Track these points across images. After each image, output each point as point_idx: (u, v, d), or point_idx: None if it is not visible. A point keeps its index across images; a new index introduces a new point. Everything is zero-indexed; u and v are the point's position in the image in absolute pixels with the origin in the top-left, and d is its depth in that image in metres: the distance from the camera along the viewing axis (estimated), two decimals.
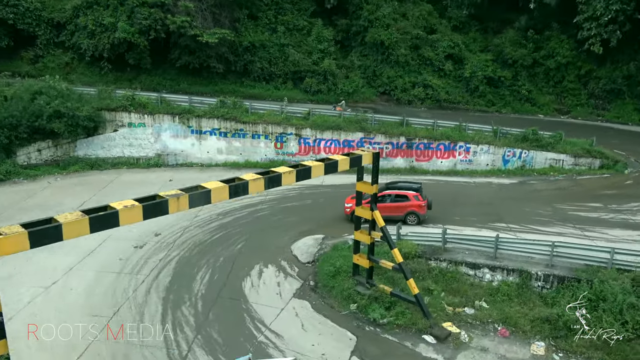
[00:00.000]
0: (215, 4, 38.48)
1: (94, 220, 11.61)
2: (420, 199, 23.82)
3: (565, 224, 24.04)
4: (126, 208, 12.05)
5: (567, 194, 28.33)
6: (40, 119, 28.64)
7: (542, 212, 25.60)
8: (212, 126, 32.11)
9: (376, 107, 40.86)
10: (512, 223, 24.16)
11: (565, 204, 26.53)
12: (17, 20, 38.06)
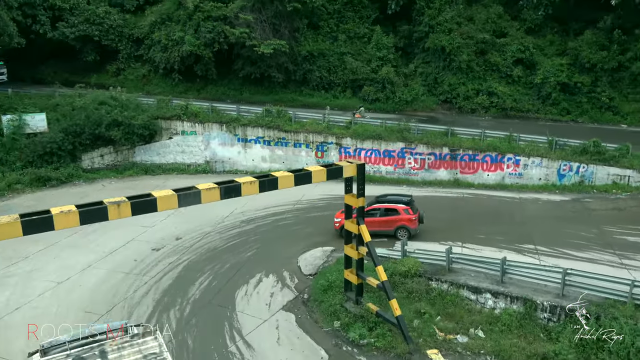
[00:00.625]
0: (275, 15, 39.17)
1: (83, 213, 12.53)
2: (410, 212, 22.37)
3: (605, 249, 21.20)
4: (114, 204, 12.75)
5: (623, 215, 24.94)
6: (100, 127, 31.08)
7: (584, 234, 22.80)
8: (257, 135, 32.71)
9: (435, 115, 39.07)
10: (543, 245, 21.78)
11: (615, 227, 23.40)
12: (102, 36, 41.66)
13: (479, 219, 25.01)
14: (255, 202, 27.45)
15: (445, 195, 28.76)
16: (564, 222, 24.31)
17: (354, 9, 42.48)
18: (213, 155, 33.49)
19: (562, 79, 38.27)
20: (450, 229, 23.78)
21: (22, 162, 29.58)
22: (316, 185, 28.99)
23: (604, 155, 28.26)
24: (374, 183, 30.82)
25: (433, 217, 25.12)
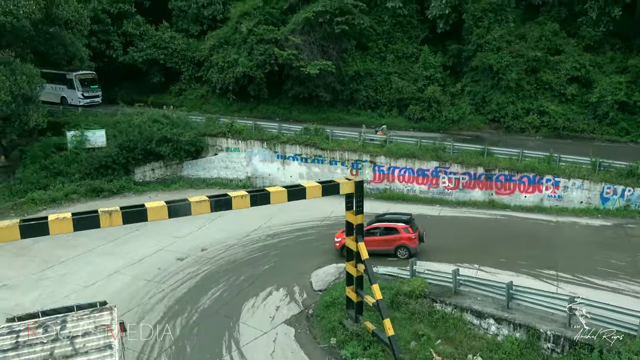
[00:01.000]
0: (324, 36, 39.75)
1: (76, 220, 13.56)
2: (410, 231, 21.58)
3: (634, 279, 19.38)
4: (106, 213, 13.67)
5: None
6: (151, 142, 32.94)
7: (614, 262, 20.95)
8: (295, 152, 33.19)
9: (482, 135, 37.60)
10: (566, 272, 20.26)
11: None
12: (167, 59, 44.27)
13: (506, 242, 23.74)
14: (285, 216, 27.84)
15: (478, 216, 27.55)
16: (597, 248, 22.47)
17: (402, 30, 42.14)
18: (254, 171, 34.37)
19: (621, 98, 35.55)
20: (472, 250, 22.74)
21: (80, 174, 31.94)
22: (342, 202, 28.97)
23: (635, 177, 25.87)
24: (407, 202, 30.26)
25: (457, 238, 24.30)
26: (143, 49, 43.77)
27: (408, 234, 21.76)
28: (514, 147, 30.80)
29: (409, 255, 21.63)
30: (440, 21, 40.26)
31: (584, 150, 30.58)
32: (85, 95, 41.14)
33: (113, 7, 43.54)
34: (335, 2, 38.77)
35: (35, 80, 30.91)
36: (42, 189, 30.73)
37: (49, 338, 11.22)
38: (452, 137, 35.83)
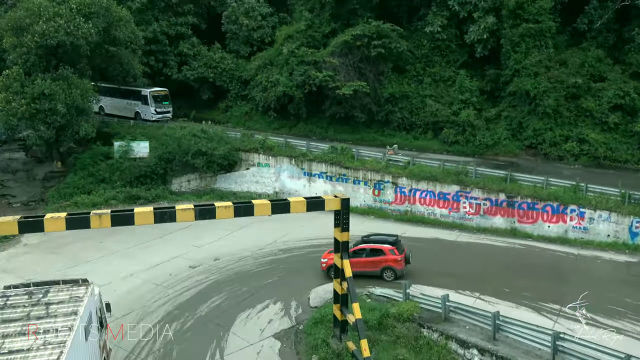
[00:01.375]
0: (361, 59, 39.81)
1: (69, 220, 14.49)
2: (396, 253, 20.83)
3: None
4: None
5: None
6: (187, 155, 34.16)
7: (629, 300, 19.34)
8: (321, 170, 33.25)
9: (517, 161, 35.95)
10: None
11: None
12: (216, 78, 45.95)
13: (516, 272, 22.51)
14: (302, 233, 27.90)
15: (495, 244, 26.28)
16: (614, 285, 20.80)
17: (441, 54, 41.41)
18: (282, 186, 34.71)
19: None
20: (478, 278, 21.71)
21: (122, 182, 33.61)
22: (363, 222, 28.66)
23: None
24: (427, 225, 29.42)
25: (466, 265, 23.35)
26: (195, 67, 45.71)
27: (394, 255, 21.16)
28: (548, 175, 29.08)
29: (394, 277, 21.01)
30: (479, 46, 39.28)
31: (626, 181, 28.51)
32: (157, 110, 42.34)
33: (172, 29, 45.87)
34: (373, 26, 38.84)
35: (88, 94, 33.07)
36: (86, 194, 32.54)
37: (30, 302, 13.02)
38: (485, 162, 34.65)
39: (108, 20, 34.38)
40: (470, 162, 33.04)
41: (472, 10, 39.11)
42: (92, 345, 13.67)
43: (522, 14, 36.49)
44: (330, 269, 21.04)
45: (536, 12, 36.42)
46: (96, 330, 14.24)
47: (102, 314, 15.58)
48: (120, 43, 36.23)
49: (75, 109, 32.27)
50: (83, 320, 12.75)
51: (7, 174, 38.03)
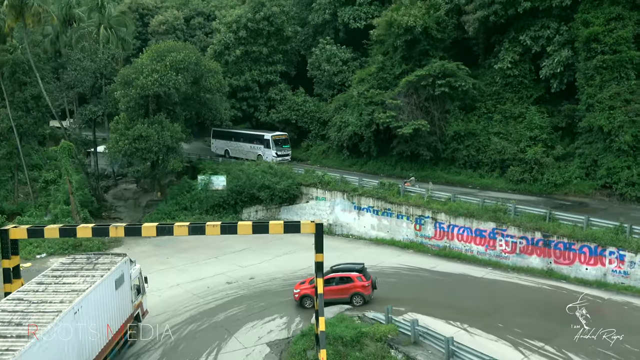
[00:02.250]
0: (427, 98, 41.57)
1: (95, 229, 19.57)
2: (364, 279, 22.01)
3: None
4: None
5: None
6: (254, 188, 38.81)
7: (627, 346, 18.51)
8: (369, 204, 35.44)
9: (588, 202, 34.44)
10: (554, 346, 18.89)
11: None
12: (299, 119, 50.94)
13: (524, 310, 22.70)
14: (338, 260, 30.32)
15: (524, 283, 26.16)
16: (623, 331, 19.84)
17: (513, 90, 41.41)
18: (335, 219, 37.47)
19: None
20: (479, 313, 22.36)
21: (200, 210, 39.20)
22: (400, 255, 30.30)
23: None
24: (462, 261, 29.97)
25: (476, 300, 24.00)
26: (280, 111, 51.20)
27: (362, 282, 22.82)
28: (621, 216, 27.62)
29: (363, 302, 22.65)
30: (554, 81, 38.77)
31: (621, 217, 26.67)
32: (278, 153, 46.35)
33: (262, 77, 52.08)
34: (437, 66, 40.58)
35: (177, 136, 39.61)
36: (171, 219, 38.61)
37: (86, 262, 19.99)
38: (551, 202, 33.93)
39: (197, 73, 41.12)
40: (536, 202, 32.79)
41: (546, 44, 39.01)
42: (122, 294, 20.16)
43: (596, 45, 35.60)
44: (303, 298, 23.72)
45: (613, 42, 35.17)
46: (129, 288, 20.87)
47: (140, 282, 22.63)
48: (208, 91, 42.73)
49: (166, 148, 38.91)
50: (113, 274, 19.35)
51: (120, 200, 46.31)
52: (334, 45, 51.26)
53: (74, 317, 16.10)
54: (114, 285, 19.42)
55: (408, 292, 25.17)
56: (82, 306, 16.65)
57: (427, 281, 26.86)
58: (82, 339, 16.53)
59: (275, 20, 51.06)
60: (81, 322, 16.48)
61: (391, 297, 24.18)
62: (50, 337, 14.61)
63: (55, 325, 14.94)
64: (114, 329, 19.12)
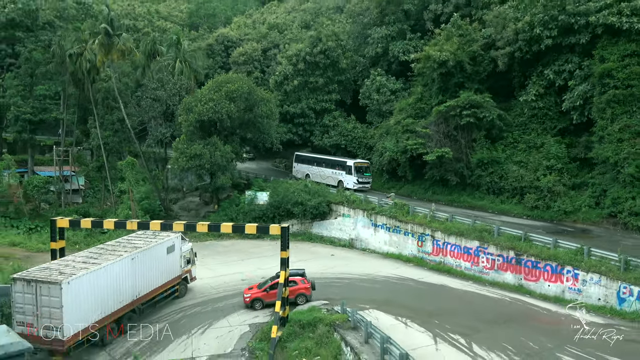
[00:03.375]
0: (456, 127, 45.78)
1: (116, 223, 27.48)
2: (306, 282, 26.81)
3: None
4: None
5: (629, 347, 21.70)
6: (289, 204, 45.39)
7: (558, 354, 21.82)
8: (383, 222, 40.33)
9: (593, 229, 36.72)
10: (476, 342, 22.90)
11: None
12: (348, 144, 57.08)
13: (470, 314, 26.45)
14: (342, 269, 35.80)
15: (490, 295, 29.86)
16: (563, 340, 23.12)
17: (538, 121, 44.24)
18: (357, 235, 42.71)
19: None
20: (427, 313, 26.71)
21: (244, 221, 46.38)
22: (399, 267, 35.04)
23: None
24: (452, 275, 33.98)
25: (435, 304, 28.42)
26: (332, 136, 57.68)
27: (304, 284, 27.91)
28: (614, 244, 30.67)
29: (306, 301, 27.89)
30: (575, 113, 41.39)
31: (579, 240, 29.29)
32: (359, 180, 49.03)
33: (318, 105, 59.07)
34: (464, 97, 44.75)
35: (227, 156, 47.42)
36: None
37: (151, 236, 29.60)
38: (556, 228, 36.82)
39: (250, 101, 48.96)
40: (543, 228, 36.07)
41: (568, 78, 41.87)
42: (172, 259, 29.75)
43: (609, 81, 38.06)
44: (254, 301, 29.01)
45: (626, 77, 37.57)
46: (179, 256, 30.37)
47: (190, 256, 32.39)
48: (261, 117, 50.34)
49: (217, 166, 46.92)
50: (166, 243, 28.88)
51: (185, 211, 55.15)
52: (385, 76, 56.99)
53: (131, 261, 26.49)
54: (165, 251, 29.19)
55: (382, 295, 29.94)
56: (137, 256, 26.92)
57: (406, 288, 31.40)
58: (137, 276, 26.91)
59: (331, 53, 57.99)
60: (137, 266, 26.81)
61: (365, 298, 29.16)
62: (113, 269, 25.06)
63: (116, 262, 25.41)
64: (163, 281, 29.25)
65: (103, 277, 24.41)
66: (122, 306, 25.88)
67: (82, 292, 23.04)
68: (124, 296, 26.01)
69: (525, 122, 45.05)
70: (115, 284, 25.19)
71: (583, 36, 40.37)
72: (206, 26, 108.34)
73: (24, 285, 22.45)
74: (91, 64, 51.94)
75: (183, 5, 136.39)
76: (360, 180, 49.13)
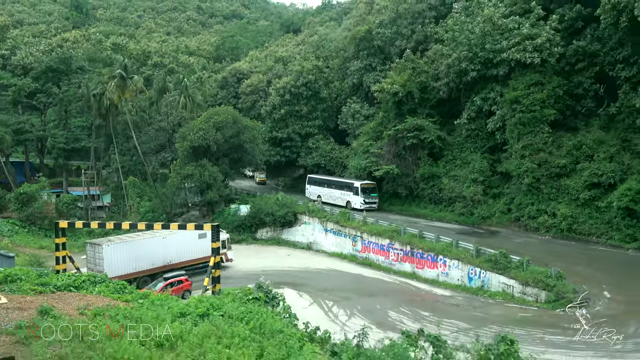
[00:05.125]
0: (404, 147, 54.84)
1: (84, 224, 38.65)
2: (189, 280, 35.80)
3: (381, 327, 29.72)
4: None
5: (457, 311, 30.21)
6: (262, 214, 55.53)
7: (403, 309, 30.67)
8: (330, 227, 49.73)
9: (501, 231, 44.95)
10: (340, 306, 32.06)
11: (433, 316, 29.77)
12: (327, 163, 66.84)
13: (353, 290, 35.58)
14: (292, 264, 45.43)
15: (385, 279, 38.93)
16: (407, 304, 31.97)
17: (472, 141, 52.64)
18: (315, 239, 52.16)
19: (624, 204, 37.96)
20: (322, 289, 35.94)
21: (228, 229, 56.75)
22: (334, 262, 44.35)
23: (497, 265, 32.39)
24: (373, 268, 42.99)
25: (336, 284, 37.52)
26: (314, 157, 67.71)
27: (188, 282, 36.90)
28: (520, 243, 39.54)
29: (189, 295, 36.86)
30: (498, 133, 49.73)
31: (574, 252, 37.18)
32: (366, 201, 53.83)
33: (303, 130, 69.37)
34: (410, 122, 53.83)
35: (214, 175, 58.20)
36: None
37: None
38: (472, 230, 45.25)
39: (235, 129, 59.81)
40: (464, 230, 44.69)
41: (493, 104, 50.37)
42: (203, 242, 40.19)
43: (517, 106, 46.44)
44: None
45: (530, 103, 45.84)
46: (209, 242, 36.75)
47: (226, 242, 43.82)
48: (245, 142, 61.06)
49: (205, 184, 57.78)
50: (197, 232, 40.30)
51: (186, 222, 66.27)
52: (360, 103, 66.77)
53: (162, 240, 39.23)
54: (197, 237, 41.26)
55: (303, 280, 39.32)
56: (168, 236, 39.57)
57: (325, 276, 40.62)
58: (167, 251, 39.75)
59: (312, 85, 68.50)
60: (169, 244, 39.70)
61: (288, 282, 38.56)
62: (146, 243, 38.62)
63: (149, 239, 38.75)
64: (193, 257, 41.53)
65: (136, 246, 38.43)
66: (154, 267, 39.24)
67: (117, 253, 37.18)
68: (155, 261, 39.29)
69: (462, 142, 53.54)
70: (147, 253, 38.67)
71: (501, 69, 48.84)
72: (229, 58, 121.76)
73: (89, 245, 38.13)
74: (110, 102, 64.50)
75: (213, 38, 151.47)
76: (366, 200, 54.05)
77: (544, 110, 45.08)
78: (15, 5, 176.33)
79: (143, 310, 15.75)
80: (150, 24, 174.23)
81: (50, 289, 17.58)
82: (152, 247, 39.24)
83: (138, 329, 13.13)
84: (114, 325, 13.33)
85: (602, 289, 29.25)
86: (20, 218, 59.89)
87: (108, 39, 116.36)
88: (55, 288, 17.93)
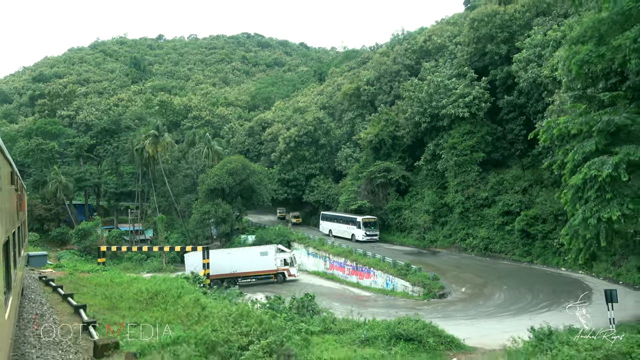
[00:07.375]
0: (378, 185, 67.90)
1: (108, 248, 54.30)
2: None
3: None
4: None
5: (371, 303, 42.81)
6: (263, 242, 69.63)
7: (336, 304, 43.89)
8: (310, 251, 63.08)
9: (440, 251, 56.94)
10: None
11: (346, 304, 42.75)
12: (325, 200, 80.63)
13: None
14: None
15: (333, 287, 51.41)
16: (335, 299, 44.88)
17: (429, 179, 64.95)
18: (302, 261, 64.85)
19: (522, 227, 49.47)
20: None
21: None
22: (312, 280, 57.94)
23: (401, 272, 44.85)
24: (334, 281, 55.80)
25: (297, 291, 50.80)
26: (315, 194, 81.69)
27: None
28: (446, 260, 51.57)
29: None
30: (446, 172, 62.06)
31: (478, 265, 48.93)
32: (367, 234, 62.81)
33: (307, 171, 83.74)
34: (379, 165, 67.05)
35: (227, 211, 73.23)
36: None
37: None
38: (419, 252, 57.50)
39: (245, 173, 74.92)
40: (414, 251, 57.00)
41: (442, 149, 62.90)
42: (266, 259, 55.37)
43: (453, 151, 58.91)
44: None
45: (463, 148, 58.25)
46: (272, 258, 55.28)
47: (291, 259, 56.03)
48: (253, 184, 76.00)
49: (220, 219, 72.80)
50: (259, 249, 57.09)
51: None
52: (352, 148, 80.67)
53: (227, 255, 54.82)
54: (258, 254, 55.01)
55: (278, 291, 52.69)
56: (232, 252, 55.65)
57: (294, 286, 53.77)
58: (233, 264, 53.99)
59: (312, 134, 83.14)
60: (234, 257, 54.55)
61: (264, 290, 52.21)
62: (216, 257, 52.02)
63: (217, 254, 53.00)
64: (255, 270, 54.46)
65: (216, 258, 51.77)
66: (225, 273, 52.40)
67: (214, 259, 51.41)
68: (225, 269, 52.68)
69: (422, 180, 66.03)
70: (221, 263, 52.38)
71: (445, 121, 61.47)
72: (262, 107, 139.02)
73: (189, 254, 52.89)
74: (148, 154, 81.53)
75: (252, 87, 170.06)
76: (368, 233, 63.06)
77: (473, 154, 57.29)
78: (83, 65, 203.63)
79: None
80: (199, 76, 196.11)
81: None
82: (223, 259, 53.40)
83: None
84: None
85: (463, 287, 41.03)
86: (79, 249, 76.93)
87: (157, 95, 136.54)
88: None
